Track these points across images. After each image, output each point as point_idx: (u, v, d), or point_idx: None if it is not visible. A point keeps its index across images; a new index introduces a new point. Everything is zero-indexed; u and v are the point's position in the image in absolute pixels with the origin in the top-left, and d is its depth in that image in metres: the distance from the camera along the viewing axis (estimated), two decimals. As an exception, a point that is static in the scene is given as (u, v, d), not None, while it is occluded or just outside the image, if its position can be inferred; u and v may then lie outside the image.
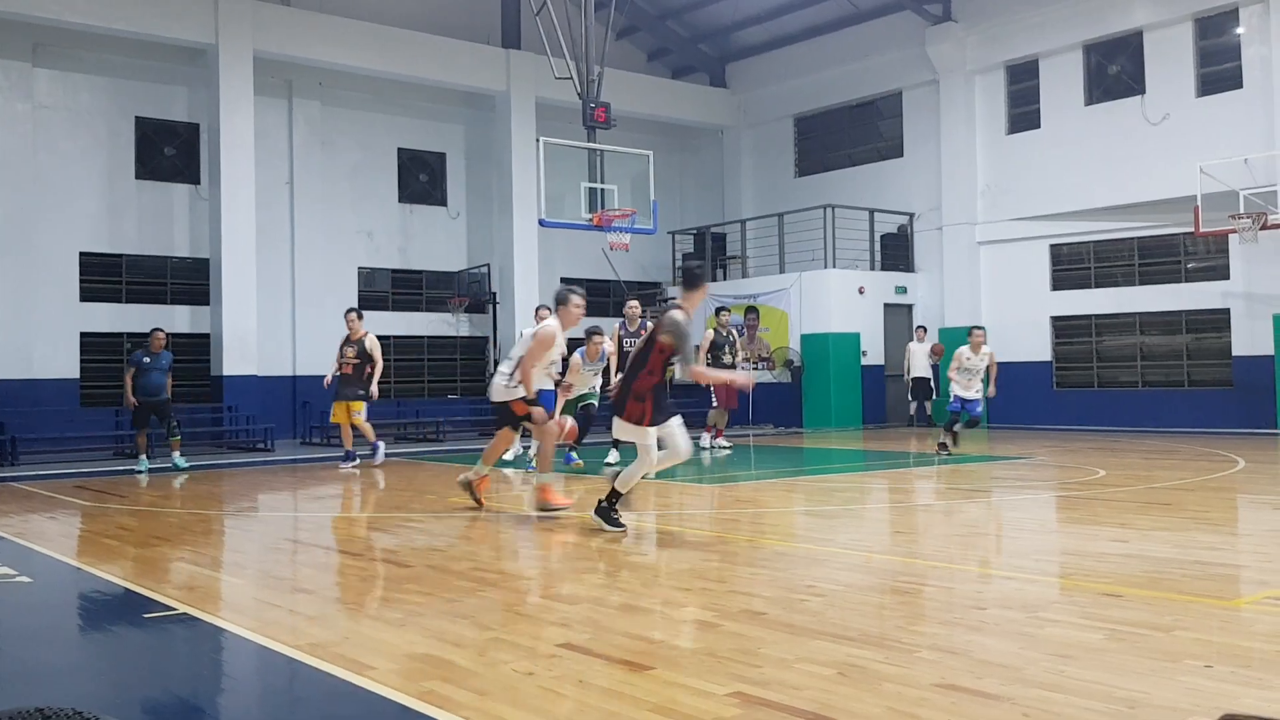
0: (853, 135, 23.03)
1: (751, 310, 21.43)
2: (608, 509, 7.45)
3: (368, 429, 13.41)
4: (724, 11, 23.31)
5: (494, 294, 20.95)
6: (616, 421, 7.51)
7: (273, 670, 4.31)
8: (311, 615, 5.17)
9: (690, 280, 7.66)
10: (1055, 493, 9.86)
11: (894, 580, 5.74)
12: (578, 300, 8.45)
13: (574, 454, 12.24)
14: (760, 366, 21.13)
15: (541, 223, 16.25)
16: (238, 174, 17.60)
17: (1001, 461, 12.88)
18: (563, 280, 22.49)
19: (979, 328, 13.69)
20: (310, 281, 19.33)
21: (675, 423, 7.38)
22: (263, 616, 5.19)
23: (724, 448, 14.76)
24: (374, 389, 13.35)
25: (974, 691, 3.61)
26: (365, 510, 9.85)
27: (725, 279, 22.78)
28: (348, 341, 13.44)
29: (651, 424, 7.26)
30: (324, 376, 14.08)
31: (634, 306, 12.85)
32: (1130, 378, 19.15)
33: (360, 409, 13.29)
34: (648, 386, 7.29)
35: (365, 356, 13.25)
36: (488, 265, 21.08)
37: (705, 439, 14.66)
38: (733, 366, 14.68)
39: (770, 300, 21.11)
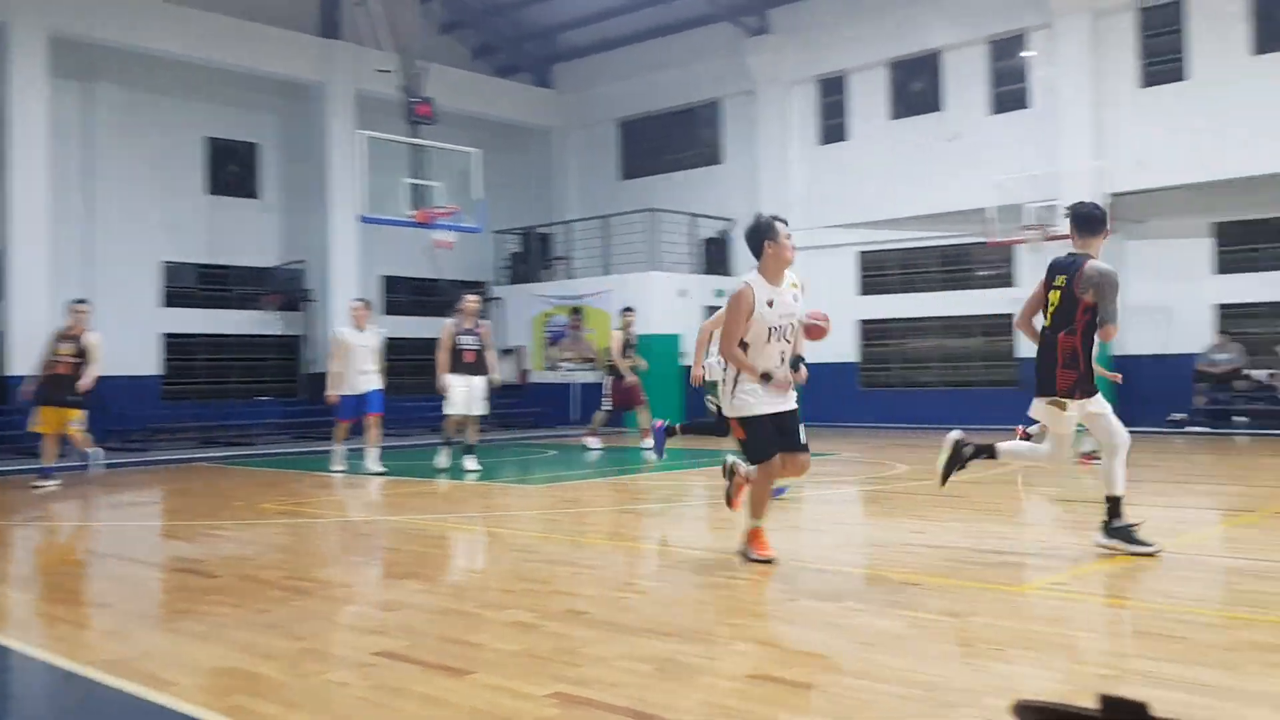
0: (675, 140, 23.46)
1: (576, 311, 21.53)
2: (1123, 527, 6.03)
3: (83, 439, 11.56)
4: (550, 12, 23.32)
5: (309, 291, 20.29)
6: (1037, 403, 6.23)
7: (62, 690, 4.05)
8: (107, 630, 4.89)
9: (1090, 223, 6.09)
10: (860, 487, 10.33)
11: (711, 575, 5.88)
12: (788, 231, 6.03)
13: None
14: (584, 367, 21.26)
15: (362, 219, 15.84)
16: (30, 161, 16.44)
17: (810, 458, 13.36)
18: (388, 280, 22.03)
19: None
20: (110, 276, 18.20)
21: (1104, 402, 6.18)
22: (51, 632, 4.87)
23: (595, 449, 14.64)
24: (87, 382, 11.28)
25: (785, 681, 3.75)
26: (168, 519, 9.36)
27: (551, 280, 22.81)
28: (63, 337, 11.40)
29: (1083, 396, 6.04)
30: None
31: (473, 301, 12.19)
32: (930, 378, 20.27)
33: (78, 417, 11.40)
34: (1075, 349, 6.05)
35: (83, 355, 11.29)
36: (303, 262, 20.39)
37: (591, 441, 14.74)
38: (633, 369, 14.69)
39: (595, 302, 21.25)
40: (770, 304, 5.88)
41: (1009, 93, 18.83)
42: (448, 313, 12.83)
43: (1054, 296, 6.14)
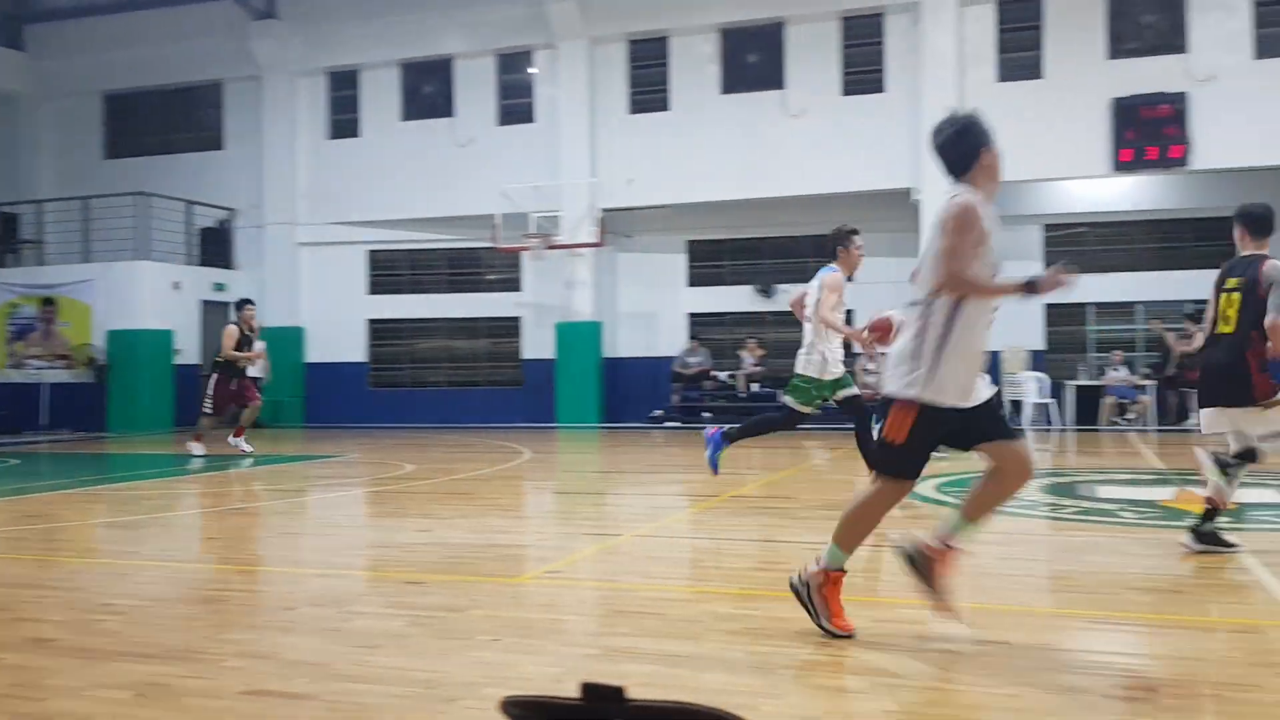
0: (170, 121, 21.72)
1: (48, 302, 19.18)
2: (1214, 530, 5.82)
3: None
4: (18, -38, 20.55)
5: None
6: (1229, 413, 5.71)
7: None
8: None
9: (1261, 224, 5.84)
10: (366, 488, 10.26)
11: (203, 589, 5.53)
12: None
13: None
14: (56, 365, 18.99)
15: None
16: None
17: (316, 460, 13.05)
18: None
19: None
20: None
21: None
22: None
23: (246, 451, 13.04)
24: None
25: (281, 693, 3.62)
26: None
27: (18, 265, 20.08)
28: None
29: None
30: None
31: None
32: (439, 378, 20.68)
33: None
34: (1267, 353, 5.65)
35: None
36: None
37: (233, 441, 13.09)
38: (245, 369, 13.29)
39: (71, 292, 19.05)
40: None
41: (516, 106, 19.72)
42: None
43: (1231, 300, 5.77)
